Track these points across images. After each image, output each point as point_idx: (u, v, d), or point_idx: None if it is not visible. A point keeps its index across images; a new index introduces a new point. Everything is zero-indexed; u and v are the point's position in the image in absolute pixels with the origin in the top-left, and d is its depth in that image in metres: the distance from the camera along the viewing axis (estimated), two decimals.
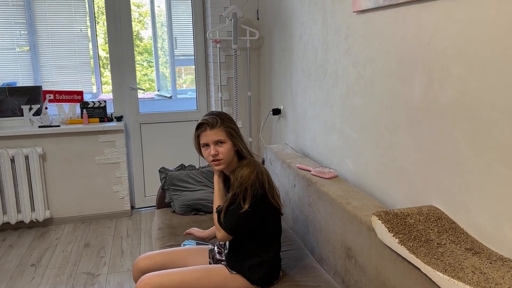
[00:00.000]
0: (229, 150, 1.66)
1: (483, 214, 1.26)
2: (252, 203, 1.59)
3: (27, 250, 3.02)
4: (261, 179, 1.62)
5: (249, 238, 1.69)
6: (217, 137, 1.65)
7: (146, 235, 3.25)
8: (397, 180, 1.67)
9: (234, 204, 1.61)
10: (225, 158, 1.66)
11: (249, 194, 1.58)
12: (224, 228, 1.63)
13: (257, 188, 1.60)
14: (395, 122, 1.66)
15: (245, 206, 1.58)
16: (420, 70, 1.48)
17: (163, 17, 3.92)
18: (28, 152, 3.23)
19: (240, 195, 1.59)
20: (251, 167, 1.63)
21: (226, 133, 1.65)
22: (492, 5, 1.17)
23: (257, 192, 1.60)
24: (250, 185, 1.59)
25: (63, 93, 3.46)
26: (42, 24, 3.48)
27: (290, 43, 2.76)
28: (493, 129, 1.20)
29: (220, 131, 1.65)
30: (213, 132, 1.64)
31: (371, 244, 1.47)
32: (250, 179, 1.60)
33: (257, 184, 1.60)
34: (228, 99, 3.50)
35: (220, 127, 1.65)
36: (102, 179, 3.52)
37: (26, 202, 3.27)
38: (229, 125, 1.67)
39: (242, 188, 1.59)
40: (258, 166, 1.67)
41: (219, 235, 1.65)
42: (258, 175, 1.62)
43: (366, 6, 1.75)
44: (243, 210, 1.58)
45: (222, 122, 1.66)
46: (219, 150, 1.65)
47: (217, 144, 1.66)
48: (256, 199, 1.60)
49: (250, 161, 1.68)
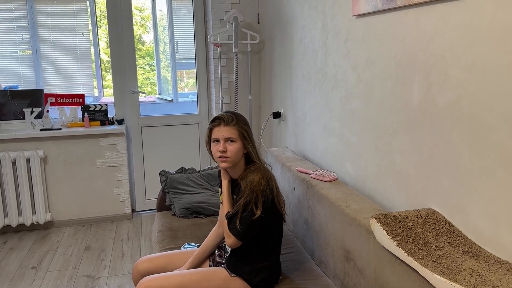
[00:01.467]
0: (238, 150, 1.66)
1: (481, 217, 1.26)
2: (263, 209, 1.60)
3: (27, 252, 3.03)
4: (270, 185, 1.64)
5: (254, 243, 1.69)
6: (229, 134, 1.65)
7: (146, 238, 3.26)
8: (396, 183, 1.67)
9: (246, 211, 1.61)
10: (232, 157, 1.66)
11: (261, 200, 1.59)
12: (235, 234, 1.62)
13: (267, 194, 1.61)
14: (394, 126, 1.66)
15: (257, 212, 1.58)
16: (419, 74, 1.49)
17: (165, 21, 3.94)
18: (29, 155, 3.24)
19: (252, 202, 1.59)
20: (261, 173, 1.64)
21: (239, 132, 1.65)
22: (490, 9, 1.18)
23: (267, 198, 1.61)
24: (261, 192, 1.60)
25: (64, 96, 3.47)
26: (44, 28, 3.50)
27: (290, 47, 2.77)
28: (491, 132, 1.21)
29: (234, 129, 1.65)
30: (226, 129, 1.65)
31: (370, 247, 1.47)
32: (261, 185, 1.60)
33: (267, 190, 1.62)
34: (229, 102, 3.51)
35: (234, 125, 1.65)
36: (103, 182, 3.53)
37: (27, 205, 3.28)
38: (243, 126, 1.67)
39: (254, 195, 1.59)
40: (267, 172, 1.67)
41: (229, 241, 1.64)
42: (268, 182, 1.63)
43: (365, 10, 1.76)
44: (255, 216, 1.59)
45: (237, 121, 1.67)
46: (228, 148, 1.65)
47: (227, 142, 1.66)
48: (267, 204, 1.61)
49: (260, 166, 1.69)
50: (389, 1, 1.59)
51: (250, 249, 1.69)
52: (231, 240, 1.63)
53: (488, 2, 1.18)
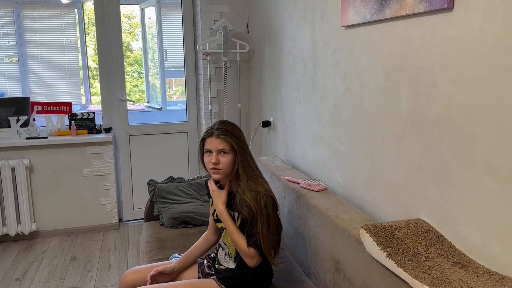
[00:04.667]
0: (230, 162, 1.64)
1: (470, 228, 1.27)
2: (275, 211, 1.64)
3: (12, 264, 2.96)
4: (272, 197, 1.65)
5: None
6: (222, 146, 1.63)
7: (134, 249, 3.21)
8: (385, 193, 1.68)
9: (254, 228, 1.61)
10: (224, 169, 1.64)
11: (270, 213, 1.62)
12: (260, 253, 1.62)
13: (270, 205, 1.63)
14: (383, 136, 1.67)
15: (270, 224, 1.61)
16: (407, 85, 1.50)
17: (153, 29, 3.93)
18: (14, 164, 3.18)
19: (264, 216, 1.60)
20: (254, 193, 1.62)
21: (231, 145, 1.64)
22: (477, 22, 1.20)
23: (273, 205, 1.64)
24: (264, 205, 1.61)
25: (51, 105, 3.43)
26: (31, 35, 3.46)
27: (279, 56, 2.78)
28: (479, 143, 1.22)
29: (227, 141, 1.63)
30: (219, 141, 1.63)
31: (360, 258, 1.47)
32: (262, 199, 1.61)
33: (270, 200, 1.63)
34: (218, 111, 3.50)
35: (228, 138, 1.64)
36: (90, 192, 3.48)
37: (12, 214, 3.22)
38: (236, 140, 1.65)
39: (260, 210, 1.60)
40: (263, 186, 1.66)
41: (253, 262, 1.62)
42: (266, 194, 1.63)
43: (354, 21, 1.77)
44: (272, 225, 1.61)
45: (231, 134, 1.65)
46: (221, 160, 1.64)
47: (220, 153, 1.65)
48: (274, 212, 1.65)
49: (257, 183, 1.67)
50: (378, 13, 1.60)
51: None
52: (256, 260, 1.63)
53: (475, 15, 1.20)
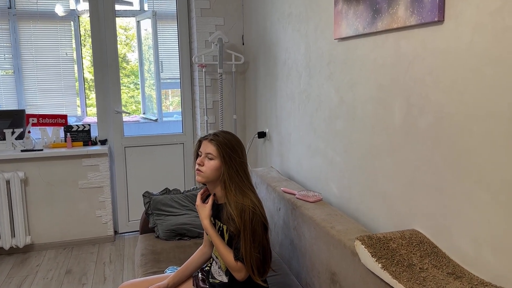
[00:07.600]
0: (214, 168, 1.64)
1: (464, 239, 1.27)
2: (263, 229, 1.62)
3: (6, 278, 2.93)
4: (260, 214, 1.62)
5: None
6: (210, 150, 1.65)
7: (129, 261, 3.19)
8: (380, 204, 1.68)
9: (239, 243, 1.60)
10: (206, 173, 1.65)
11: (257, 229, 1.60)
12: (246, 268, 1.60)
13: (258, 219, 1.61)
14: (377, 147, 1.68)
15: (255, 239, 1.59)
16: (400, 96, 1.52)
17: (149, 40, 3.95)
18: (9, 176, 3.17)
19: (247, 232, 1.58)
20: (240, 206, 1.60)
21: (219, 152, 1.64)
22: (467, 35, 1.21)
23: (260, 223, 1.61)
24: (249, 220, 1.59)
25: (46, 117, 3.43)
26: (27, 48, 3.47)
27: (274, 68, 2.80)
28: (471, 154, 1.23)
29: (216, 147, 1.64)
30: (209, 145, 1.65)
31: (355, 269, 1.47)
32: (247, 214, 1.59)
33: (256, 218, 1.61)
34: (213, 122, 3.51)
35: (219, 144, 1.64)
36: (85, 204, 3.46)
37: (6, 227, 3.19)
38: (226, 148, 1.64)
39: (244, 226, 1.58)
40: (251, 200, 1.63)
41: (241, 275, 1.61)
42: (253, 211, 1.60)
43: (347, 33, 1.79)
44: (256, 242, 1.59)
45: (223, 142, 1.65)
46: (205, 163, 1.65)
47: (207, 157, 1.66)
48: (262, 226, 1.62)
49: (245, 196, 1.64)
50: (370, 26, 1.62)
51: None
52: (243, 273, 1.61)
53: (465, 28, 1.22)
